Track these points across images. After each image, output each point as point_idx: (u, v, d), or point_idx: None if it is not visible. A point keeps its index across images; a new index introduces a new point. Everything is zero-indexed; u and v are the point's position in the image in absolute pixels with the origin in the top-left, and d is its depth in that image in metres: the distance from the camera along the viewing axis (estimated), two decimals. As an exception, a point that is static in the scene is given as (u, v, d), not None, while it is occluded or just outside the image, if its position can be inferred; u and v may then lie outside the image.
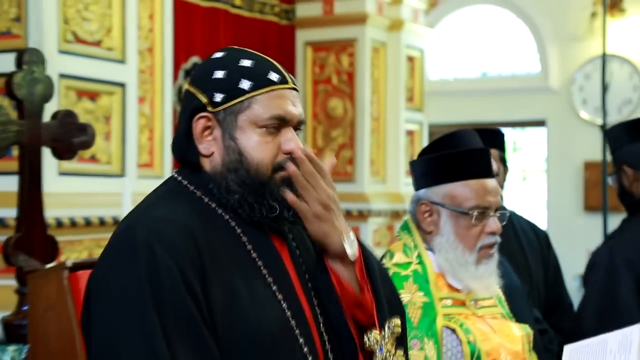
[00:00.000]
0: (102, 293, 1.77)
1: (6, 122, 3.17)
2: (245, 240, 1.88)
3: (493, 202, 2.45)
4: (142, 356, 1.68)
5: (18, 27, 5.02)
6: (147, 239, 1.75)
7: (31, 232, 3.26)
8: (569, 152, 10.12)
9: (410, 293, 2.36)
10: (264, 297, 1.83)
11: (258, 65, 1.91)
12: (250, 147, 1.86)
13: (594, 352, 2.43)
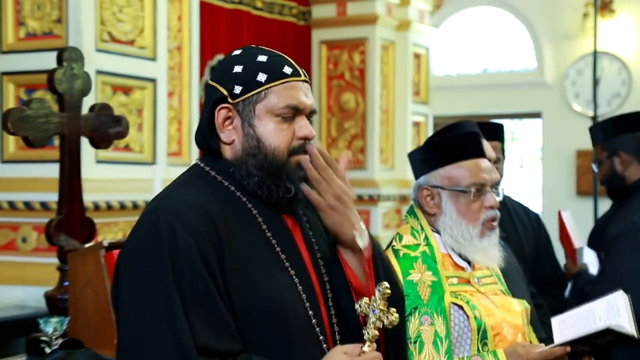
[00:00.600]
0: (129, 268, 1.79)
1: (48, 115, 3.18)
2: (261, 221, 1.88)
3: (488, 179, 2.44)
4: (163, 325, 1.69)
5: (59, 28, 5.03)
6: (169, 220, 1.76)
7: (71, 215, 3.27)
8: (562, 142, 10.08)
9: (420, 273, 2.35)
10: (277, 274, 1.84)
11: (273, 60, 1.92)
12: (267, 134, 1.88)
13: (582, 320, 2.41)
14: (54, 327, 2.63)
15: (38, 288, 3.81)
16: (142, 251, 1.77)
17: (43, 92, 4.71)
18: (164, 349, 1.68)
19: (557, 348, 2.32)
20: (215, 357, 1.70)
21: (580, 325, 2.39)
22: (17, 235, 5.04)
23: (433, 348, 2.24)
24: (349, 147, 8.13)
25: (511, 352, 2.30)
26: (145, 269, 1.74)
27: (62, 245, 3.23)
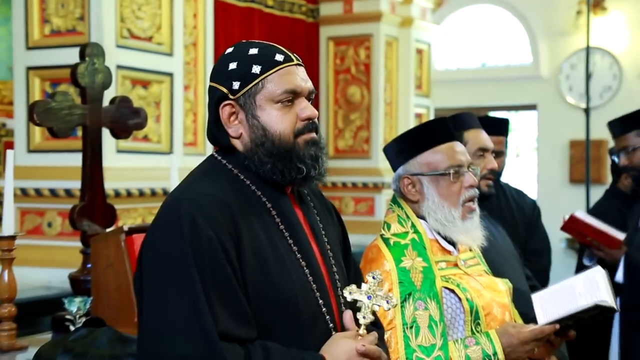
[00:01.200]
0: (152, 256, 1.78)
1: (71, 107, 3.18)
2: (275, 214, 1.88)
3: (464, 160, 2.41)
4: (188, 311, 1.68)
5: (82, 25, 5.02)
6: (190, 211, 1.75)
7: (93, 201, 3.27)
8: (556, 132, 10.05)
9: (411, 259, 2.33)
10: (289, 266, 1.84)
11: (264, 51, 1.90)
12: (271, 122, 1.86)
13: (563, 296, 2.40)
14: (77, 307, 2.64)
15: (63, 270, 3.81)
16: (165, 241, 1.76)
17: (67, 85, 4.70)
18: (189, 334, 1.67)
19: (546, 327, 2.31)
20: (235, 342, 1.70)
21: (562, 302, 2.37)
22: (43, 220, 5.05)
23: (429, 331, 2.22)
24: (354, 137, 8.12)
25: (503, 333, 2.29)
26: (169, 259, 1.73)
27: (85, 229, 3.24)
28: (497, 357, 2.25)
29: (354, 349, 1.78)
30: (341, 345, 1.79)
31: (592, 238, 3.68)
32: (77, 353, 2.09)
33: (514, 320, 2.45)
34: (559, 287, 2.46)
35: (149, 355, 1.73)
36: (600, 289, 2.36)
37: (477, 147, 3.03)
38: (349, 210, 7.98)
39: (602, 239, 3.65)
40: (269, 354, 1.71)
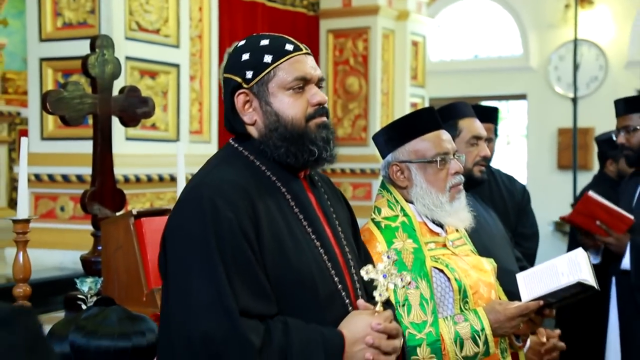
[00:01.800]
0: (175, 238, 1.79)
1: (82, 96, 3.16)
2: (289, 198, 1.89)
3: (450, 148, 2.40)
4: (210, 289, 1.69)
5: (92, 18, 5.01)
6: (212, 196, 1.76)
7: (103, 187, 3.27)
8: (545, 121, 10.04)
9: (402, 241, 2.33)
10: (305, 246, 1.84)
11: (274, 41, 1.92)
12: (283, 108, 1.87)
13: (546, 276, 2.41)
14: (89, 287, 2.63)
15: (75, 252, 3.81)
16: (188, 224, 1.76)
17: (78, 76, 4.69)
18: (212, 311, 1.68)
19: (531, 303, 2.32)
20: (255, 318, 1.71)
21: (545, 280, 2.38)
22: (56, 204, 5.05)
23: (420, 309, 2.23)
24: (352, 126, 8.11)
25: (490, 310, 2.30)
26: (191, 240, 1.74)
27: (96, 213, 3.23)
28: (485, 333, 2.26)
29: (370, 324, 1.79)
30: (359, 322, 1.80)
31: (602, 221, 3.64)
32: (89, 330, 2.09)
33: (499, 298, 2.46)
34: (542, 267, 2.47)
35: (173, 332, 1.74)
36: (582, 270, 2.37)
37: (471, 135, 3.02)
38: (347, 195, 7.94)
39: (614, 220, 3.62)
40: (288, 329, 1.72)
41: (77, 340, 2.07)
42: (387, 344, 1.80)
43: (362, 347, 1.77)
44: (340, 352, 1.75)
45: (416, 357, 2.20)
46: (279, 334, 1.71)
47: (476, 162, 3.02)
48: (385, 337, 1.80)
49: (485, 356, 2.28)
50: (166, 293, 1.80)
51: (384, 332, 1.79)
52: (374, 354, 1.78)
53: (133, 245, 2.75)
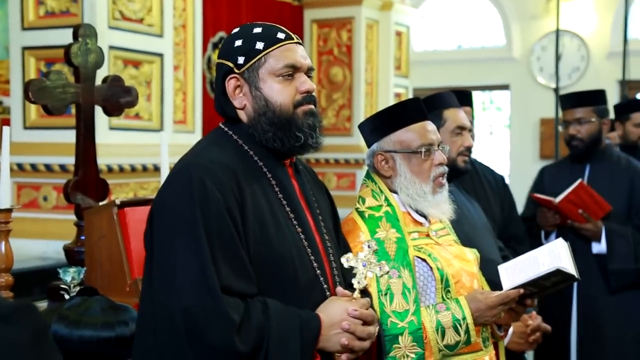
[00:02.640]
0: (163, 215, 1.82)
1: (65, 85, 3.14)
2: (274, 183, 1.93)
3: (435, 139, 2.42)
4: (192, 265, 1.73)
5: (75, 7, 4.97)
6: (200, 175, 1.80)
7: (86, 176, 3.24)
8: (528, 111, 10.08)
9: (385, 231, 2.34)
10: (286, 231, 1.88)
11: (267, 30, 1.97)
12: (272, 93, 1.92)
13: (527, 266, 2.42)
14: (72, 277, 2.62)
15: (58, 242, 3.79)
16: (177, 200, 1.80)
17: (61, 65, 4.65)
18: (194, 287, 1.71)
19: (511, 291, 2.33)
20: (236, 296, 1.74)
21: (526, 271, 2.40)
22: (39, 194, 5.02)
23: (402, 298, 2.24)
24: (337, 116, 8.10)
25: (471, 299, 2.32)
26: (179, 217, 1.78)
27: (79, 203, 3.21)
28: (466, 322, 2.28)
29: (347, 310, 1.84)
30: (336, 307, 1.85)
31: (585, 208, 3.79)
32: (72, 320, 2.08)
33: (481, 287, 2.48)
34: (523, 258, 2.50)
35: (155, 306, 1.77)
36: (562, 259, 2.39)
37: (455, 125, 3.04)
38: (331, 185, 7.98)
39: (595, 207, 3.78)
40: (267, 309, 1.76)
41: (60, 331, 2.06)
42: (362, 330, 1.85)
43: (338, 331, 1.82)
44: (316, 334, 1.80)
45: (398, 345, 2.21)
46: (258, 313, 1.74)
47: (460, 152, 3.04)
48: (360, 323, 1.85)
49: (466, 345, 2.30)
50: (149, 268, 1.83)
51: (360, 318, 1.85)
52: (349, 338, 1.83)
53: (116, 235, 2.74)
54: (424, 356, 2.23)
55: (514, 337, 2.77)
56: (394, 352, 2.21)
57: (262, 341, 1.73)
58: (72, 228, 3.25)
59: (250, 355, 1.72)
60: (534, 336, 2.83)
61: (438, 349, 2.25)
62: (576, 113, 3.90)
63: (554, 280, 2.38)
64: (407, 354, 2.22)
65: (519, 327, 2.79)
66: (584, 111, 3.90)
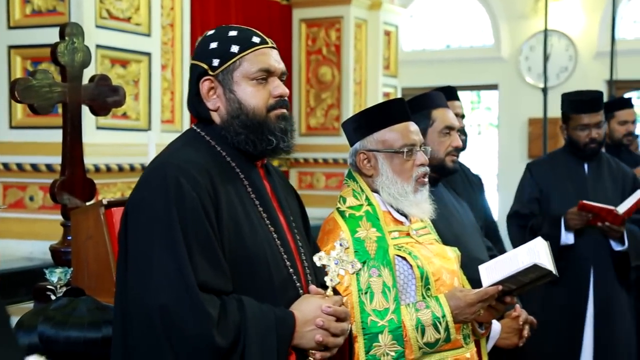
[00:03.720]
0: (138, 213, 1.83)
1: (52, 85, 3.12)
2: (247, 184, 1.95)
3: (417, 140, 2.44)
4: (170, 262, 1.74)
5: (62, 5, 4.95)
6: (176, 175, 1.81)
7: (73, 176, 3.23)
8: (516, 111, 10.11)
9: (365, 230, 2.36)
10: (260, 230, 1.91)
11: (242, 33, 1.99)
12: (246, 97, 1.94)
13: (506, 264, 2.45)
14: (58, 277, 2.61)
15: (44, 242, 3.77)
16: (152, 200, 1.81)
17: (47, 64, 4.62)
18: (171, 284, 1.73)
19: (489, 288, 2.36)
20: (212, 293, 1.76)
21: (505, 269, 2.42)
22: (25, 194, 4.99)
23: (382, 297, 2.26)
24: (325, 115, 8.10)
25: (451, 296, 2.34)
26: (155, 216, 1.79)
27: (66, 203, 3.20)
28: (446, 319, 2.30)
29: (321, 307, 1.86)
30: (310, 304, 1.88)
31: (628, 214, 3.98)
32: (58, 321, 2.07)
33: (462, 285, 2.51)
34: (503, 257, 2.54)
35: (130, 304, 1.78)
36: (541, 256, 2.42)
37: (444, 125, 3.04)
38: (320, 185, 7.98)
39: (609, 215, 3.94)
40: (243, 306, 1.78)
41: (46, 331, 2.05)
42: (335, 326, 1.88)
43: (312, 328, 1.85)
44: (291, 331, 1.82)
45: (378, 344, 2.24)
46: (234, 310, 1.76)
47: (448, 152, 3.04)
48: (334, 320, 1.87)
49: (446, 342, 2.32)
50: (123, 266, 1.83)
51: (334, 314, 1.87)
52: (324, 335, 1.85)
53: (103, 235, 2.73)
54: (404, 354, 2.26)
55: (501, 333, 2.78)
56: (374, 351, 2.23)
57: (239, 337, 1.75)
58: (58, 228, 3.23)
59: (228, 350, 1.73)
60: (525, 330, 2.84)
61: (418, 346, 2.27)
62: (597, 117, 4.07)
63: (532, 277, 2.40)
64: (387, 352, 2.24)
65: (505, 322, 2.80)
66: (601, 115, 4.10)
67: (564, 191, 4.11)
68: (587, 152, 4.12)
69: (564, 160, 4.22)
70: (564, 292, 4.02)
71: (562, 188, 4.11)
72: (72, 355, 2.06)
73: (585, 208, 3.96)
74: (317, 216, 4.18)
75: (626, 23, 9.89)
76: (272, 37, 2.07)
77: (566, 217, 4.01)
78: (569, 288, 4.04)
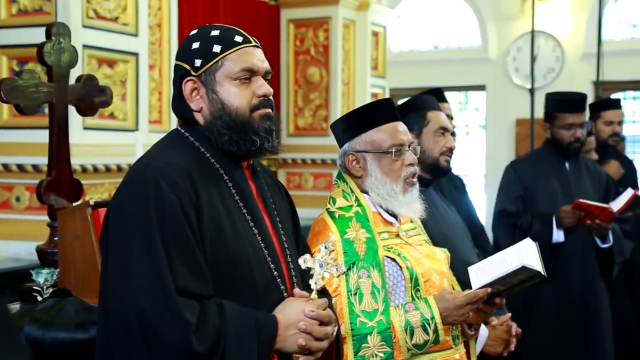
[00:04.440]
0: (118, 217, 1.82)
1: (38, 85, 3.11)
2: (231, 186, 1.93)
3: (405, 140, 2.44)
4: (149, 267, 1.73)
5: (48, 5, 4.92)
6: (156, 177, 1.80)
7: (60, 176, 3.22)
8: (503, 111, 10.15)
9: (355, 231, 2.36)
10: (242, 232, 1.89)
11: (224, 32, 1.97)
12: (229, 97, 1.92)
13: (495, 266, 2.45)
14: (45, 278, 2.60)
15: (31, 243, 3.75)
16: (132, 203, 1.80)
17: (34, 64, 4.60)
18: (149, 289, 1.71)
19: (478, 291, 2.36)
20: (192, 298, 1.75)
21: (494, 269, 2.43)
22: (12, 195, 4.97)
23: (371, 298, 2.26)
24: (313, 116, 8.10)
25: (440, 298, 2.34)
26: (134, 220, 1.78)
27: (52, 204, 3.18)
28: (435, 321, 2.30)
29: (304, 311, 1.84)
30: (293, 308, 1.86)
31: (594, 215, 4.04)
32: (44, 322, 2.06)
33: (452, 286, 2.51)
34: (492, 258, 2.53)
35: (110, 308, 1.77)
36: (530, 257, 2.43)
37: (439, 125, 3.10)
38: (308, 186, 7.98)
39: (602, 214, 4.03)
40: (224, 310, 1.76)
41: (33, 333, 2.04)
42: (319, 330, 1.86)
43: (295, 332, 1.83)
44: (273, 335, 1.81)
45: (367, 345, 2.24)
46: (214, 314, 1.75)
47: (442, 152, 3.10)
48: (317, 324, 1.86)
49: (435, 344, 2.32)
50: (105, 270, 1.82)
51: (317, 318, 1.85)
52: (306, 339, 1.83)
53: (90, 235, 2.72)
54: (393, 355, 2.26)
55: (488, 340, 2.79)
56: (362, 352, 2.23)
57: (218, 342, 1.74)
58: (45, 229, 3.22)
59: (207, 356, 1.72)
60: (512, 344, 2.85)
61: (407, 348, 2.27)
62: (581, 117, 4.19)
63: (521, 278, 2.41)
64: (376, 354, 2.24)
65: (494, 332, 2.80)
66: (584, 116, 4.24)
67: (549, 188, 4.19)
68: (570, 151, 4.22)
69: (547, 158, 4.31)
70: (553, 290, 4.08)
71: (548, 185, 4.19)
72: (58, 356, 2.05)
73: (581, 207, 4.01)
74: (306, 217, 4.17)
75: (613, 24, 9.94)
76: (260, 38, 2.05)
77: (559, 216, 4.06)
78: (559, 286, 4.10)
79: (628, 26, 10.03)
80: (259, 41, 2.05)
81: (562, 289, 4.13)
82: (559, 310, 4.13)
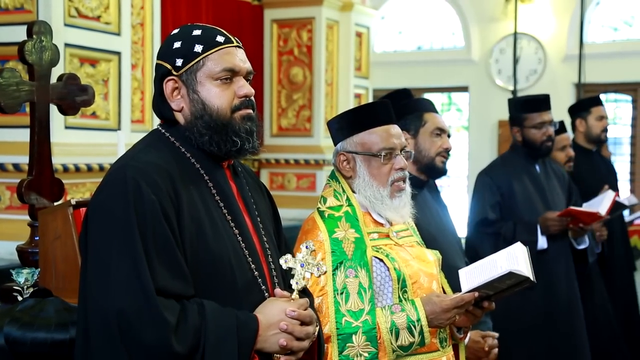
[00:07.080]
0: (98, 217, 1.81)
1: (19, 83, 3.09)
2: (211, 186, 1.93)
3: (397, 144, 2.43)
4: (128, 268, 1.72)
5: (30, 3, 4.89)
6: (135, 177, 1.79)
7: (41, 176, 3.20)
8: (486, 113, 10.20)
9: (344, 230, 2.36)
10: (223, 231, 1.89)
11: (206, 32, 1.96)
12: (210, 97, 1.92)
13: (485, 270, 2.45)
14: (25, 278, 2.58)
15: (11, 242, 3.72)
16: (111, 203, 1.79)
17: (15, 62, 4.57)
18: (128, 289, 1.71)
19: (465, 295, 2.36)
20: (172, 298, 1.74)
21: (483, 273, 2.43)
22: (-8, 194, 4.93)
23: (358, 297, 2.27)
24: (297, 116, 8.10)
25: (427, 301, 2.34)
26: (113, 220, 1.77)
27: (33, 203, 3.16)
28: (421, 324, 2.30)
29: (285, 311, 1.84)
30: (274, 308, 1.86)
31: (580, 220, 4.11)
32: (24, 322, 2.05)
33: (442, 288, 2.50)
34: (482, 262, 2.53)
35: (89, 308, 1.76)
36: (519, 262, 2.42)
37: (435, 126, 3.13)
38: (291, 186, 7.97)
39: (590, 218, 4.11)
40: (204, 310, 1.76)
41: (13, 333, 2.03)
42: (300, 330, 1.85)
43: (276, 332, 1.83)
44: (253, 335, 1.81)
45: (352, 344, 2.24)
46: (194, 314, 1.75)
47: (439, 152, 3.13)
48: (299, 324, 1.86)
49: (420, 346, 2.33)
50: (84, 270, 1.82)
51: (298, 318, 1.85)
52: (288, 339, 1.83)
53: (72, 235, 2.71)
54: (378, 356, 2.26)
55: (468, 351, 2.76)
56: (347, 351, 2.23)
57: (198, 342, 1.73)
58: (25, 228, 3.19)
59: (186, 357, 1.71)
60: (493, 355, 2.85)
61: (392, 349, 2.27)
62: (550, 115, 4.22)
63: (509, 283, 2.40)
64: (361, 353, 2.24)
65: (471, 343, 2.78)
66: (551, 114, 4.24)
67: (526, 192, 4.17)
68: (542, 151, 4.21)
69: (517, 162, 4.28)
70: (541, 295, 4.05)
71: (523, 190, 4.17)
72: (38, 356, 2.04)
73: (571, 213, 4.02)
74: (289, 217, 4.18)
75: (595, 27, 10.02)
76: (243, 38, 2.04)
77: (546, 224, 4.05)
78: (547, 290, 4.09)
79: (609, 29, 10.11)
80: (242, 41, 2.05)
81: (551, 293, 4.13)
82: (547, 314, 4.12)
